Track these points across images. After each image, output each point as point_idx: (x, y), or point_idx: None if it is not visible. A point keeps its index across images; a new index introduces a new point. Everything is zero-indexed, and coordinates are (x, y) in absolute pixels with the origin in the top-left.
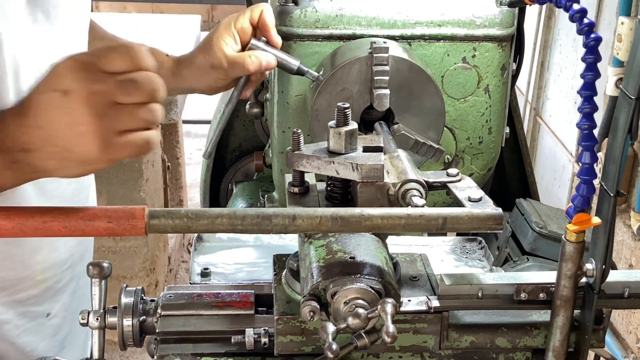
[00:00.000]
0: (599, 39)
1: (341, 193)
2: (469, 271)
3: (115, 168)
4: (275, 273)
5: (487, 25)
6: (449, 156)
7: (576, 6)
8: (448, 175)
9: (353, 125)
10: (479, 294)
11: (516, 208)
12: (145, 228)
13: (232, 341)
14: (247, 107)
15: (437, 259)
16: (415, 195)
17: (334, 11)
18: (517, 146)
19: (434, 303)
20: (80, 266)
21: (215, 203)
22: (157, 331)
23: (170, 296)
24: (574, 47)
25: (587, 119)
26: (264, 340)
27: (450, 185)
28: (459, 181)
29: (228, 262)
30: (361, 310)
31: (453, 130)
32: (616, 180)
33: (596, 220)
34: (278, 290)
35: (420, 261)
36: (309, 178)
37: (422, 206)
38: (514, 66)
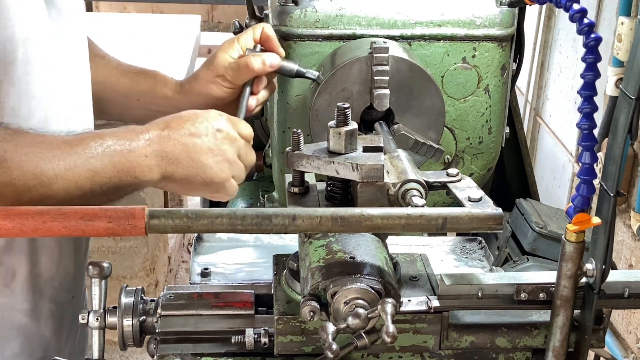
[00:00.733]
0: (599, 39)
1: (341, 193)
2: (469, 271)
3: None
4: (275, 273)
5: (487, 25)
6: (449, 156)
7: (576, 6)
8: (448, 175)
9: (353, 125)
10: (479, 294)
11: (516, 208)
12: (145, 228)
13: (232, 341)
14: None
15: (437, 259)
16: (415, 195)
17: (334, 11)
18: (517, 146)
19: (434, 303)
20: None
21: (215, 203)
22: (157, 331)
23: (170, 296)
24: (574, 47)
25: (587, 119)
26: (264, 340)
27: (450, 185)
28: (459, 181)
29: (228, 262)
30: (361, 310)
31: (453, 130)
32: (616, 180)
33: (596, 220)
34: (278, 290)
35: (420, 261)
36: (309, 178)
37: (422, 206)
38: (514, 66)
